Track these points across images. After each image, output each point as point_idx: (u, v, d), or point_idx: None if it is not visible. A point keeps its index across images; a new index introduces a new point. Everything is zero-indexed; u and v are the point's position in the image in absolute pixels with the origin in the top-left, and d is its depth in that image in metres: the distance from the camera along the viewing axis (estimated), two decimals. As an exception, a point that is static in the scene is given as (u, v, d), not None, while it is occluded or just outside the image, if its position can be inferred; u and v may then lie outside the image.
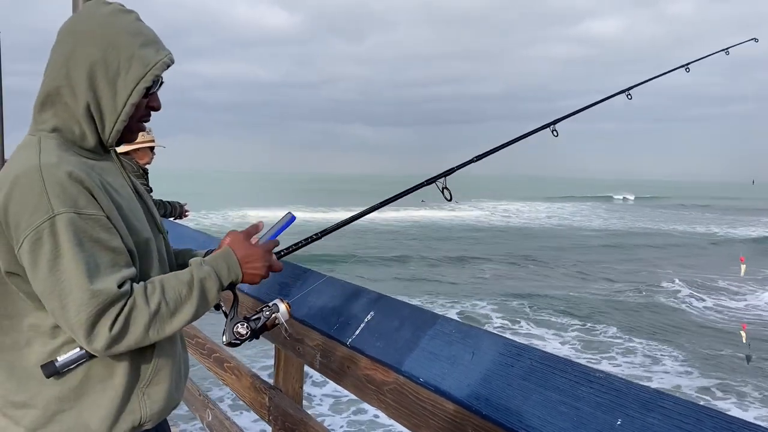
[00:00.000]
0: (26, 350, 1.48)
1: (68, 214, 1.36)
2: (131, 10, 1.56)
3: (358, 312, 2.13)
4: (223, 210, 50.10)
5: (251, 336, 1.64)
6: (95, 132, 1.53)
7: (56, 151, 1.45)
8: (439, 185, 2.10)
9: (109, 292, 1.36)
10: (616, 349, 13.25)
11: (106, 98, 1.50)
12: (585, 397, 1.38)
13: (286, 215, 1.80)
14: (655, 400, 1.29)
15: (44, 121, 1.51)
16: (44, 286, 1.37)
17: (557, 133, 2.52)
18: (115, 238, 1.44)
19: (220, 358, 3.30)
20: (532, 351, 1.59)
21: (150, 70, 1.51)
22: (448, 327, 1.82)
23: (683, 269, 24.36)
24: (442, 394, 1.66)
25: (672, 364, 12.29)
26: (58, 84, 1.49)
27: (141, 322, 1.41)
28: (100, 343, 1.37)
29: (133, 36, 1.50)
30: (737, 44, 3.38)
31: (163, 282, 1.48)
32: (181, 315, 1.47)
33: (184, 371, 1.77)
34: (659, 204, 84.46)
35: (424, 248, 29.98)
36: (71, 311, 1.35)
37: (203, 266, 1.54)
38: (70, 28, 1.52)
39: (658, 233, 42.09)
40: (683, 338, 14.18)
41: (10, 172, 1.42)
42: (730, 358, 12.68)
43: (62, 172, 1.39)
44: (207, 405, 3.51)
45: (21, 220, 1.36)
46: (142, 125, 1.63)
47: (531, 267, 25.16)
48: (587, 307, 16.97)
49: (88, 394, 1.50)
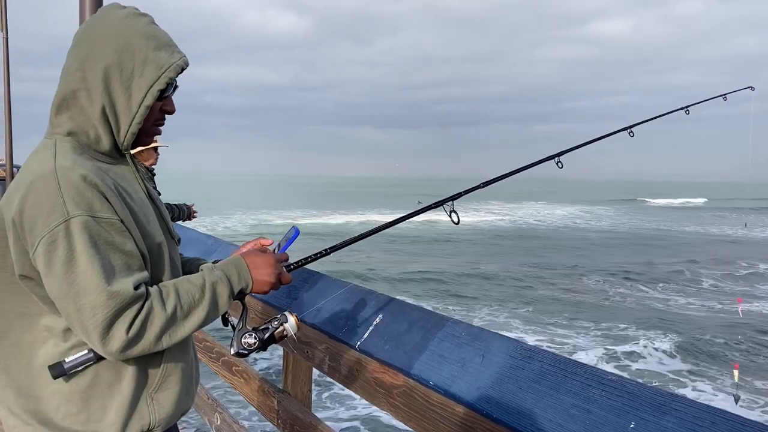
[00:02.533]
0: (41, 350, 1.49)
1: (83, 216, 1.36)
2: (145, 14, 1.57)
3: (367, 315, 2.12)
4: (233, 214, 50.19)
5: (259, 347, 1.64)
6: (110, 135, 1.54)
7: (71, 154, 1.46)
8: (447, 209, 2.11)
9: (126, 294, 1.36)
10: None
11: (121, 101, 1.50)
12: (597, 400, 1.37)
13: (291, 230, 1.81)
14: (669, 402, 1.27)
15: (60, 125, 1.52)
16: (59, 289, 1.36)
17: (561, 164, 2.56)
18: (129, 242, 1.44)
19: (229, 362, 3.29)
20: (543, 353, 1.57)
21: (164, 72, 1.52)
22: (457, 329, 1.81)
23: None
24: (452, 397, 1.65)
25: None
26: (74, 87, 1.49)
27: (157, 325, 1.41)
28: (115, 346, 1.37)
29: (147, 39, 1.51)
30: (733, 91, 3.56)
31: (177, 286, 1.48)
32: (193, 319, 1.47)
33: (196, 377, 1.77)
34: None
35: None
36: (86, 313, 1.34)
37: (215, 271, 1.55)
38: (86, 32, 1.53)
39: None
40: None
41: (27, 175, 1.43)
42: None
43: (77, 176, 1.39)
44: (216, 409, 3.50)
45: (36, 223, 1.36)
46: (157, 129, 1.64)
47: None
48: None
49: (97, 398, 1.50)
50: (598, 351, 13.73)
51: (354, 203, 75.10)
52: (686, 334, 14.99)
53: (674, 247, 34.05)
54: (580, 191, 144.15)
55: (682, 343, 14.28)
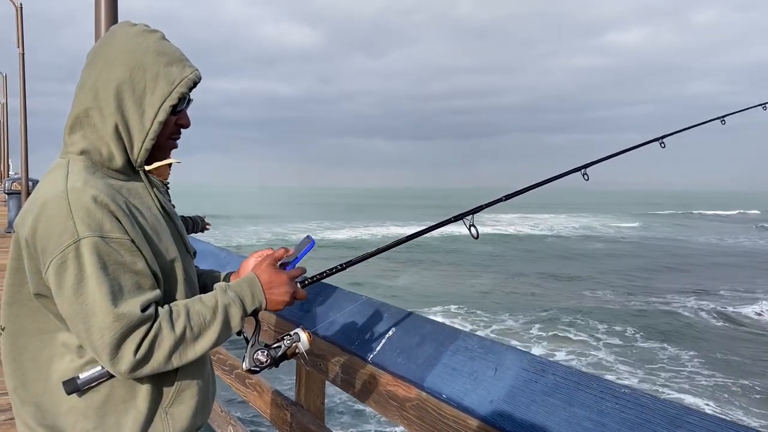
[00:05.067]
0: (57, 365, 1.50)
1: (93, 238, 1.37)
2: (156, 30, 1.58)
3: (379, 328, 2.12)
4: (246, 226, 50.18)
5: (271, 364, 1.64)
6: (124, 152, 1.54)
7: (83, 174, 1.47)
8: (467, 222, 2.08)
9: (133, 316, 1.37)
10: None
11: (134, 118, 1.51)
12: (610, 413, 1.37)
13: (306, 239, 1.80)
14: (682, 416, 1.27)
15: (73, 143, 1.53)
16: (69, 309, 1.38)
17: (588, 176, 2.50)
18: (140, 261, 1.44)
19: (242, 375, 3.30)
20: (556, 366, 1.57)
21: (175, 87, 1.52)
22: (470, 342, 1.81)
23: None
24: (465, 410, 1.65)
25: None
26: (87, 106, 1.51)
27: (166, 346, 1.42)
28: (124, 366, 1.38)
29: (159, 55, 1.52)
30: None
31: (188, 306, 1.49)
32: (204, 341, 1.48)
33: (213, 391, 1.77)
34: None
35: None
36: (95, 334, 1.36)
37: (228, 292, 1.55)
38: (98, 51, 1.54)
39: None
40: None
41: (40, 196, 1.45)
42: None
43: (88, 196, 1.40)
44: (229, 421, 3.51)
45: (48, 244, 1.38)
46: (173, 143, 1.64)
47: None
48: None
49: (111, 414, 1.51)
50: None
51: (368, 215, 75.00)
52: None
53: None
54: (618, 201, 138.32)
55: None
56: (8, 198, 15.77)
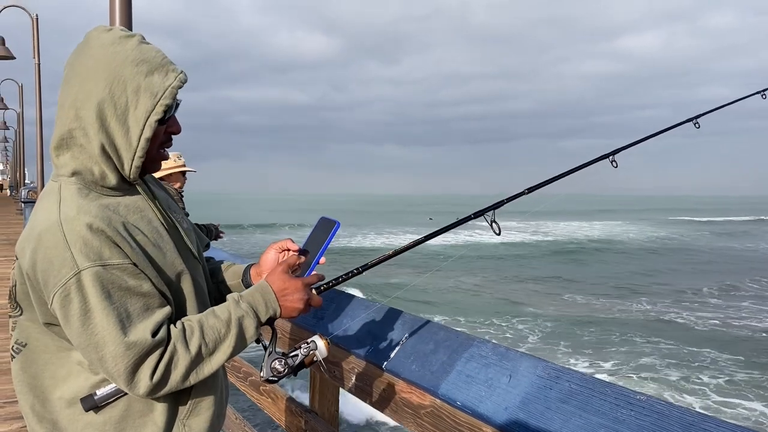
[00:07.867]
0: (74, 383, 1.50)
1: (93, 267, 1.34)
2: (133, 34, 1.47)
3: (393, 335, 2.12)
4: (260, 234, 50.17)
5: (289, 373, 1.60)
6: (115, 170, 1.48)
7: (76, 199, 1.42)
8: (488, 219, 2.01)
9: (144, 342, 1.35)
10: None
11: (120, 136, 1.44)
12: (626, 420, 1.36)
13: (322, 222, 1.74)
14: (698, 422, 1.25)
15: (63, 165, 1.47)
16: (79, 340, 1.37)
17: (616, 163, 2.41)
18: (145, 283, 1.41)
19: (256, 381, 3.31)
20: (571, 373, 1.56)
21: (159, 100, 1.44)
22: (484, 349, 1.80)
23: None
24: (480, 417, 1.64)
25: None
26: (69, 127, 1.44)
27: (182, 366, 1.41)
28: (142, 390, 1.38)
29: (138, 65, 1.42)
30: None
31: (201, 322, 1.47)
32: (219, 355, 1.47)
33: (226, 396, 1.77)
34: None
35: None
36: (109, 363, 1.35)
37: (241, 303, 1.53)
38: (74, 64, 1.45)
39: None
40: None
41: (35, 227, 1.41)
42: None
43: (82, 225, 1.36)
44: (244, 428, 3.52)
45: (48, 277, 1.35)
46: (164, 153, 1.58)
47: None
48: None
49: (129, 429, 1.50)
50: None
51: (381, 221, 74.74)
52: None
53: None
54: (664, 208, 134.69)
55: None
56: (24, 207, 15.94)
